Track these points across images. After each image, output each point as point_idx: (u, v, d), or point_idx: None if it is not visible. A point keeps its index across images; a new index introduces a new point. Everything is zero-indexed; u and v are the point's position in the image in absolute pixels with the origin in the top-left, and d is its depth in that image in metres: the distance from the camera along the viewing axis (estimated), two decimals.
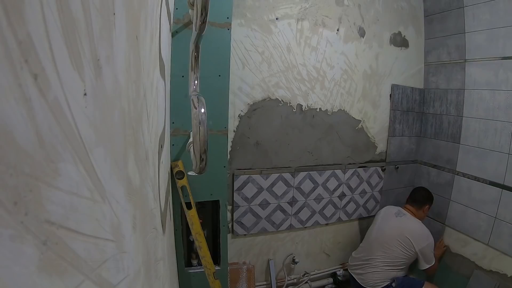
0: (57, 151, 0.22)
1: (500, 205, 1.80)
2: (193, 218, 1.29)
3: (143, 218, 0.55)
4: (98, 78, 0.30)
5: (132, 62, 0.45)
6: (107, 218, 0.33)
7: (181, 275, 1.41)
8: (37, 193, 0.19)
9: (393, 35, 2.14)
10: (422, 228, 1.90)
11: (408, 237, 1.83)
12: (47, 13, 0.20)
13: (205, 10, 0.72)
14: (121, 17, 0.38)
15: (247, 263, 1.97)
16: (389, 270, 1.85)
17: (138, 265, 0.49)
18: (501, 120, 1.81)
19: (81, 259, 0.26)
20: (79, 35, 0.25)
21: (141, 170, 0.53)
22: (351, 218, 2.24)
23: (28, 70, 0.18)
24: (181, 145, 1.29)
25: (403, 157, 2.33)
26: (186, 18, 1.23)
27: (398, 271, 1.86)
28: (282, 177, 1.94)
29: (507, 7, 1.74)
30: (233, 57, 1.68)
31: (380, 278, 1.85)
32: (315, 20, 1.87)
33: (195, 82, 0.86)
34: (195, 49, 0.84)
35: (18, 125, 0.17)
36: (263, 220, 1.94)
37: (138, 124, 0.51)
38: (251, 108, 1.79)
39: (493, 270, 1.84)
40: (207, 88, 1.25)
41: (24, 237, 0.18)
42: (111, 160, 0.35)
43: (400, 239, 1.84)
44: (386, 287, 1.85)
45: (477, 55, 1.94)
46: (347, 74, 2.01)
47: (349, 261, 2.08)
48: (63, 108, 0.23)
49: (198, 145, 0.69)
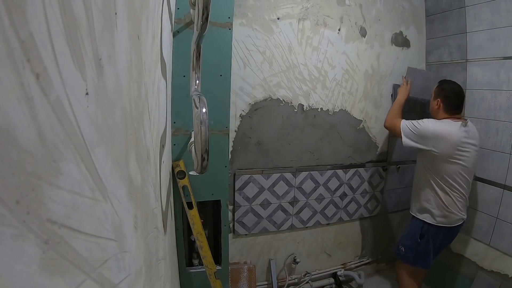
0: (59, 150, 0.22)
1: (502, 205, 1.80)
2: (194, 218, 1.29)
3: (145, 217, 0.55)
4: (100, 77, 0.30)
5: (133, 62, 0.45)
6: (109, 217, 0.33)
7: (182, 274, 1.41)
8: (39, 192, 0.19)
9: (394, 35, 2.14)
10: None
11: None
12: (49, 13, 0.20)
13: (206, 10, 0.72)
14: (122, 16, 0.38)
15: (248, 263, 1.97)
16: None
17: (140, 264, 0.49)
18: (502, 120, 1.81)
19: (83, 258, 0.26)
20: (81, 35, 0.25)
21: (142, 169, 0.53)
22: (352, 218, 2.23)
23: (30, 69, 0.18)
24: (183, 144, 1.29)
25: (405, 157, 2.32)
26: (187, 18, 1.23)
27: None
28: (283, 177, 1.94)
29: (508, 7, 1.73)
30: (235, 57, 1.68)
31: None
32: (317, 20, 1.86)
33: (196, 82, 0.86)
34: (196, 49, 0.85)
35: (20, 124, 0.17)
36: (264, 220, 1.94)
37: (140, 124, 0.51)
38: (252, 108, 1.79)
39: (494, 270, 1.83)
40: (209, 88, 1.25)
41: (26, 236, 0.18)
42: (113, 160, 0.35)
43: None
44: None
45: (478, 55, 1.94)
46: (349, 74, 2.01)
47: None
48: (65, 108, 0.23)
49: (199, 145, 0.69)
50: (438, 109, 1.71)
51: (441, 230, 1.70)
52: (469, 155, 1.62)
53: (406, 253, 1.80)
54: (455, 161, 1.60)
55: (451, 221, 1.68)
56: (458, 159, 1.60)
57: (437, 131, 1.60)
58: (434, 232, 1.72)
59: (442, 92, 1.70)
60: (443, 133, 1.59)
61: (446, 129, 1.60)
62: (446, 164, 1.62)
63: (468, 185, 1.67)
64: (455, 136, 1.58)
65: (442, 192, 1.66)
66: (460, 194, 1.65)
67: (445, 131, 1.59)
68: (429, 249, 1.72)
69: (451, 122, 1.63)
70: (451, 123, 1.62)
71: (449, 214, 1.66)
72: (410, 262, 1.79)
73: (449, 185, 1.64)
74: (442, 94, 1.69)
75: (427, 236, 1.73)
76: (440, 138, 1.59)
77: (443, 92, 1.69)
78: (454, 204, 1.65)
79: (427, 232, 1.73)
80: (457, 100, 1.67)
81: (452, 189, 1.64)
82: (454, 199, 1.65)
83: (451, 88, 1.68)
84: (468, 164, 1.63)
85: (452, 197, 1.65)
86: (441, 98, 1.69)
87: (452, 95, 1.67)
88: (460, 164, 1.61)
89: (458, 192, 1.65)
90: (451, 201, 1.65)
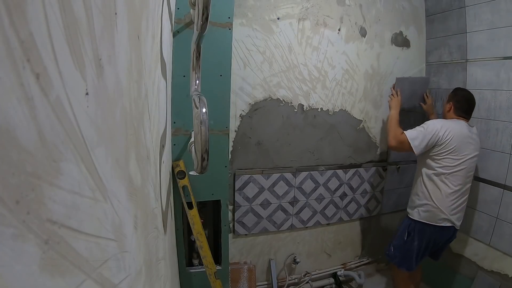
0: (59, 150, 0.22)
1: (502, 205, 1.80)
2: (194, 218, 1.29)
3: (145, 217, 0.55)
4: (100, 77, 0.30)
5: (133, 62, 0.45)
6: (109, 217, 0.33)
7: (182, 274, 1.41)
8: (39, 192, 0.19)
9: (394, 35, 2.14)
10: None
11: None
12: (49, 13, 0.20)
13: (206, 10, 0.72)
14: (122, 16, 0.38)
15: (248, 263, 1.97)
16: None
17: (140, 264, 0.49)
18: (502, 120, 1.81)
19: (83, 258, 0.26)
20: (81, 35, 0.25)
21: (142, 169, 0.53)
22: (352, 218, 2.23)
23: (30, 69, 0.18)
24: (183, 144, 1.29)
25: (405, 157, 2.32)
26: (187, 18, 1.23)
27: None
28: (283, 177, 1.94)
29: (508, 6, 1.73)
30: (235, 57, 1.68)
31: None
32: (317, 20, 1.86)
33: (196, 82, 0.86)
34: (196, 49, 0.85)
35: (20, 124, 0.17)
36: (264, 220, 1.94)
37: (140, 124, 0.51)
38: (252, 108, 1.79)
39: (494, 270, 1.83)
40: (209, 88, 1.25)
41: (26, 236, 0.18)
42: (113, 160, 0.35)
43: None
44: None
45: (478, 55, 1.93)
46: (349, 74, 2.01)
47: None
48: (65, 108, 0.23)
49: (199, 145, 0.69)
50: (449, 111, 1.80)
51: (427, 228, 1.71)
52: (470, 153, 1.66)
53: (394, 252, 1.82)
54: (454, 157, 1.64)
55: (435, 218, 1.69)
56: (461, 154, 1.64)
57: (445, 125, 1.68)
58: (420, 230, 1.73)
59: (455, 97, 1.80)
60: (451, 126, 1.67)
61: (453, 123, 1.70)
62: (444, 158, 1.66)
63: (462, 186, 1.68)
64: (461, 130, 1.66)
65: (432, 186, 1.71)
66: (450, 193, 1.67)
67: (452, 124, 1.69)
68: (413, 249, 1.74)
69: (458, 120, 1.72)
70: (457, 121, 1.71)
71: (434, 210, 1.69)
72: (396, 263, 1.81)
73: (441, 180, 1.68)
74: (455, 98, 1.79)
75: (413, 235, 1.75)
76: (449, 130, 1.65)
77: (456, 97, 1.79)
78: (442, 201, 1.67)
79: (413, 230, 1.75)
80: (467, 105, 1.76)
81: (444, 184, 1.67)
82: (444, 196, 1.67)
83: (463, 94, 1.79)
84: (468, 163, 1.66)
85: (443, 193, 1.67)
86: (453, 101, 1.79)
87: (463, 100, 1.76)
88: (457, 161, 1.64)
89: (449, 189, 1.67)
90: (440, 197, 1.68)
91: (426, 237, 1.72)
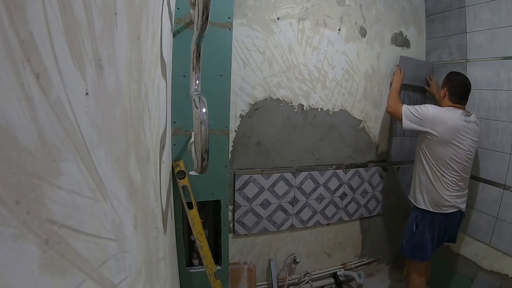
0: (59, 150, 0.22)
1: (502, 205, 1.80)
2: (194, 218, 1.29)
3: (145, 217, 0.55)
4: (100, 77, 0.30)
5: (133, 62, 0.45)
6: (109, 217, 0.33)
7: (182, 274, 1.41)
8: (39, 192, 0.19)
9: (394, 35, 2.14)
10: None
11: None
12: (49, 13, 0.20)
13: (206, 10, 0.72)
14: (122, 16, 0.38)
15: (248, 263, 1.97)
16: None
17: (140, 264, 0.49)
18: (502, 120, 1.81)
19: (83, 258, 0.26)
20: (81, 35, 0.25)
21: (142, 169, 0.53)
22: (352, 218, 2.23)
23: (30, 69, 0.18)
24: (183, 144, 1.29)
25: (405, 157, 2.32)
26: (187, 18, 1.23)
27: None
28: (283, 177, 1.94)
29: (508, 7, 1.73)
30: (235, 57, 1.68)
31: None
32: (317, 20, 1.86)
33: (196, 82, 0.86)
34: (196, 49, 0.85)
35: (20, 124, 0.17)
36: (264, 220, 1.94)
37: (140, 124, 0.51)
38: (252, 108, 1.79)
39: (494, 270, 1.83)
40: (209, 88, 1.25)
41: (26, 236, 0.18)
42: (113, 160, 0.35)
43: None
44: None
45: (478, 55, 1.94)
46: (349, 74, 2.01)
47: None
48: (65, 107, 0.23)
49: (199, 145, 0.69)
50: (443, 97, 1.78)
51: (436, 217, 1.73)
52: (465, 143, 1.65)
53: (406, 246, 1.83)
54: (451, 147, 1.64)
55: (442, 206, 1.71)
56: (454, 145, 1.64)
57: (436, 115, 1.67)
58: (429, 220, 1.74)
59: (449, 82, 1.76)
60: (442, 117, 1.66)
61: (445, 113, 1.67)
62: (442, 148, 1.67)
63: (462, 175, 1.70)
64: (454, 122, 1.63)
65: (433, 176, 1.72)
66: (452, 181, 1.68)
67: (444, 115, 1.66)
68: (425, 239, 1.74)
69: (453, 109, 1.69)
70: (452, 109, 1.69)
71: (439, 198, 1.70)
72: (407, 255, 1.82)
73: (441, 170, 1.69)
74: (449, 84, 1.76)
75: (422, 226, 1.76)
76: (439, 121, 1.65)
77: (450, 82, 1.76)
78: (445, 189, 1.69)
79: (421, 221, 1.77)
80: (462, 90, 1.72)
81: (444, 174, 1.68)
82: (445, 185, 1.68)
83: (458, 79, 1.74)
84: (464, 153, 1.66)
85: (443, 182, 1.69)
86: (447, 87, 1.76)
87: (458, 86, 1.73)
88: (455, 150, 1.65)
89: (450, 178, 1.68)
90: (441, 186, 1.69)
91: (436, 226, 1.74)
